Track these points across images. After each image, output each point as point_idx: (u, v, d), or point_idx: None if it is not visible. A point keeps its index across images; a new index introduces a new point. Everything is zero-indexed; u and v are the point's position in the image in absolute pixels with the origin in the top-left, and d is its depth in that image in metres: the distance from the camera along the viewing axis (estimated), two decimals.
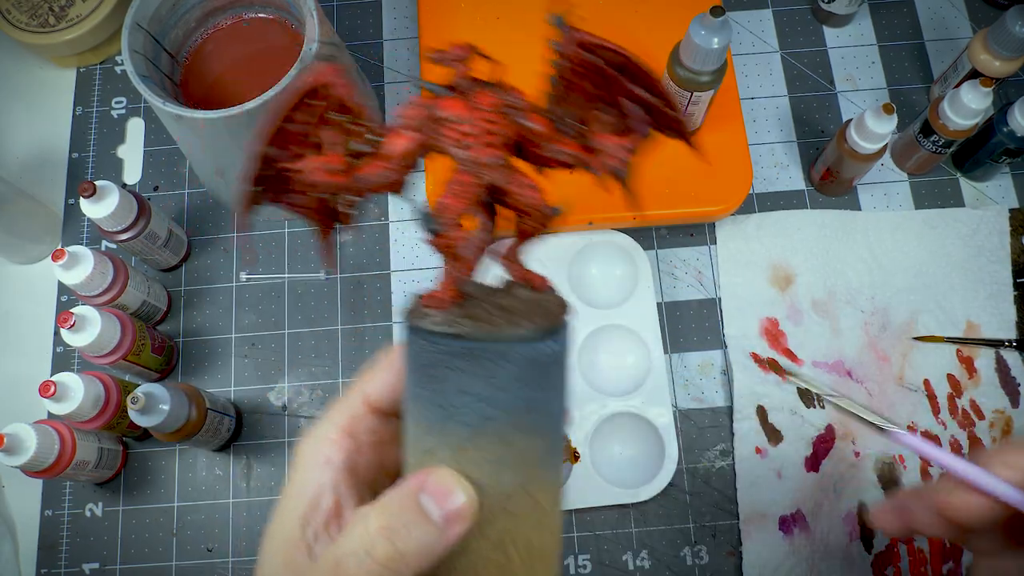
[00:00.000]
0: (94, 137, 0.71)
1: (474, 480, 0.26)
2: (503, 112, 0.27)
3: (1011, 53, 0.60)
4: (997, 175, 0.67)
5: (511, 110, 0.28)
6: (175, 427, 0.53)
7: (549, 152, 0.28)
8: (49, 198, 0.70)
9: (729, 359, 0.63)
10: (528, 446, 0.26)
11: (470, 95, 0.27)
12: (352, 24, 0.74)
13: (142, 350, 0.59)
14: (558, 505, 0.28)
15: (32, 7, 0.70)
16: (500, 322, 0.26)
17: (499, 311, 0.26)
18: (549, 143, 0.28)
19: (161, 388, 0.52)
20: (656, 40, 0.67)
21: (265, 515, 0.61)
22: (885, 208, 0.67)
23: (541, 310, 0.27)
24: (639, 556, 0.59)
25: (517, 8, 0.68)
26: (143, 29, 0.57)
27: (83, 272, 0.56)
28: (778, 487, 0.59)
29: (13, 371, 0.65)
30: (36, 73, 0.74)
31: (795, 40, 0.73)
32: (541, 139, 0.28)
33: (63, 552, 0.60)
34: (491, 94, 0.27)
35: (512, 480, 0.26)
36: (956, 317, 0.63)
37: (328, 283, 0.66)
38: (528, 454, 0.26)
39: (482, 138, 0.27)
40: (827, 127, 0.70)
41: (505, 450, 0.26)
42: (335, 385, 0.64)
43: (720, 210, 0.63)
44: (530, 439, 0.26)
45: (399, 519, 0.25)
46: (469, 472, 0.26)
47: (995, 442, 0.60)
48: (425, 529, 0.25)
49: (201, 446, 0.58)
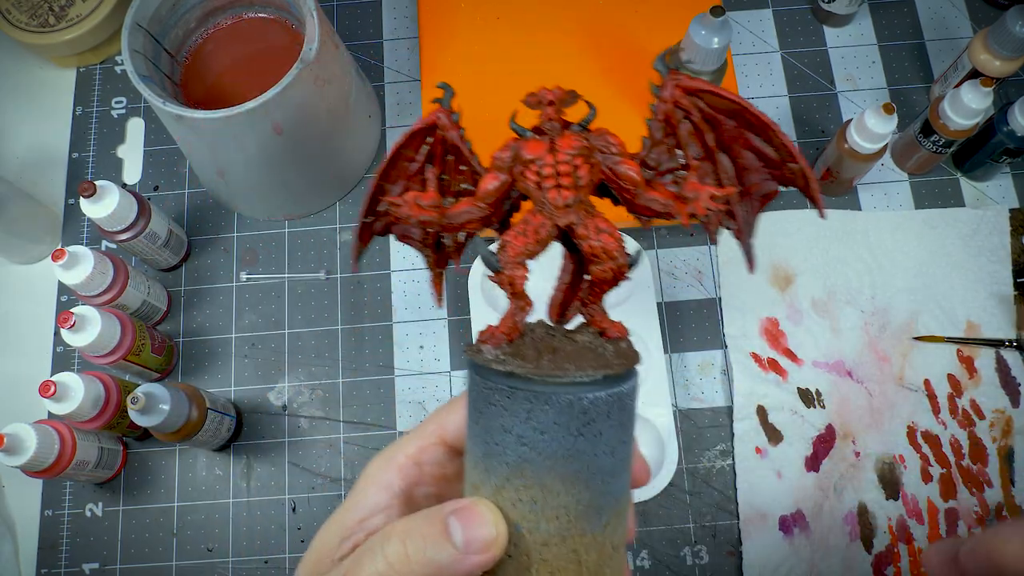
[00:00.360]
0: (94, 137, 0.71)
1: (510, 520, 0.25)
2: (584, 155, 0.27)
3: (1011, 53, 0.60)
4: (997, 175, 0.67)
5: (598, 154, 0.28)
6: (175, 427, 0.53)
7: (642, 200, 0.28)
8: (49, 198, 0.70)
9: (729, 359, 0.63)
10: (568, 496, 0.25)
11: (553, 137, 0.27)
12: (352, 24, 0.74)
13: (142, 350, 0.59)
14: (608, 568, 0.26)
15: (32, 7, 0.70)
16: (546, 364, 0.25)
17: (549, 353, 0.26)
18: (641, 190, 0.28)
19: (161, 388, 0.52)
20: (656, 40, 0.67)
21: (265, 515, 0.61)
22: (885, 208, 0.67)
23: (595, 357, 0.26)
24: (639, 556, 0.59)
25: (517, 8, 0.68)
26: (143, 29, 0.57)
27: (83, 272, 0.56)
28: (778, 487, 0.59)
29: (13, 371, 0.65)
30: (36, 73, 0.74)
31: (795, 40, 0.73)
32: (632, 185, 0.28)
33: (63, 552, 0.60)
34: (574, 137, 0.27)
35: (550, 528, 0.25)
36: (956, 317, 0.63)
37: (328, 283, 0.66)
38: (568, 504, 0.25)
39: (559, 179, 0.27)
40: (827, 127, 0.70)
41: (543, 496, 0.25)
42: (335, 385, 0.64)
43: None
44: (571, 488, 0.25)
45: (420, 529, 0.25)
46: (507, 511, 0.25)
47: (995, 441, 0.60)
48: (441, 547, 0.25)
49: (201, 446, 0.58)
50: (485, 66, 0.66)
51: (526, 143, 0.28)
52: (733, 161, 0.29)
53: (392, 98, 0.72)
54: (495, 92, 0.66)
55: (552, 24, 0.68)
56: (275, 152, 0.58)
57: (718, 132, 0.29)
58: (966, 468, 0.60)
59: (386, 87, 0.72)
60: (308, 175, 0.64)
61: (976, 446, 0.60)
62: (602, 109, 0.28)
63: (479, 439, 0.26)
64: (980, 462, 0.60)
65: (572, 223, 0.27)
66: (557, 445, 0.25)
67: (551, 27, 0.68)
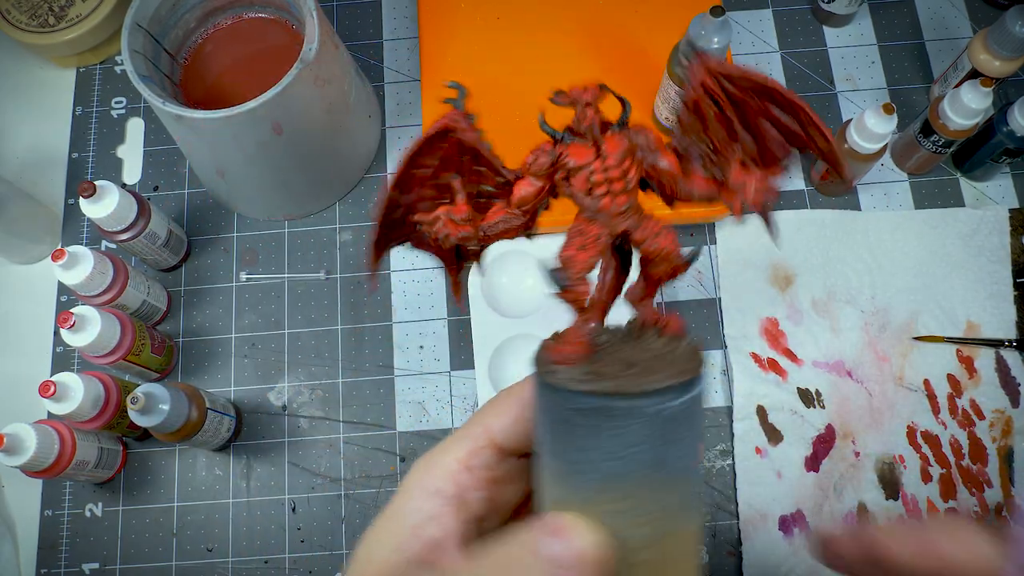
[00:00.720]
0: (94, 137, 0.71)
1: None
2: (630, 156, 0.26)
3: (1011, 53, 0.60)
4: (997, 175, 0.67)
5: (640, 151, 0.26)
6: (175, 427, 0.53)
7: (682, 193, 0.27)
8: (49, 198, 0.70)
9: (729, 359, 0.63)
10: (657, 501, 0.25)
11: (597, 139, 0.26)
12: (352, 24, 0.74)
13: (142, 350, 0.59)
14: (694, 556, 0.26)
15: (32, 7, 0.70)
16: (627, 379, 0.25)
17: (626, 367, 0.25)
18: (681, 182, 0.27)
19: (161, 388, 0.52)
20: (656, 40, 0.67)
21: (265, 515, 0.61)
22: (885, 208, 0.67)
23: (671, 363, 0.26)
24: None
25: (517, 8, 0.68)
26: (143, 29, 0.57)
27: (83, 272, 0.56)
28: (778, 487, 0.59)
29: (13, 371, 0.65)
30: (36, 73, 0.74)
31: (795, 40, 0.73)
32: (673, 178, 0.27)
33: (63, 552, 0.60)
34: (619, 138, 0.26)
35: (643, 533, 0.25)
36: (956, 317, 0.63)
37: (328, 283, 0.66)
38: (656, 509, 0.25)
39: (611, 186, 0.26)
40: None
41: (634, 505, 0.25)
42: (335, 385, 0.64)
43: (720, 210, 0.63)
44: (659, 495, 0.25)
45: (516, 556, 0.24)
46: (598, 524, 0.25)
47: (995, 441, 0.60)
48: (542, 569, 0.24)
49: (201, 446, 0.58)
50: (485, 66, 0.66)
51: (569, 148, 0.26)
52: (756, 137, 0.28)
53: (392, 98, 0.72)
54: (495, 92, 0.66)
55: (552, 24, 0.68)
56: (275, 152, 0.58)
57: (743, 110, 0.28)
58: (966, 468, 0.60)
59: (386, 87, 0.72)
60: (308, 175, 0.64)
61: (976, 446, 0.60)
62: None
63: (560, 456, 0.26)
64: (980, 462, 0.60)
65: (629, 228, 0.26)
66: (645, 456, 0.25)
67: (551, 27, 0.68)
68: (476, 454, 0.29)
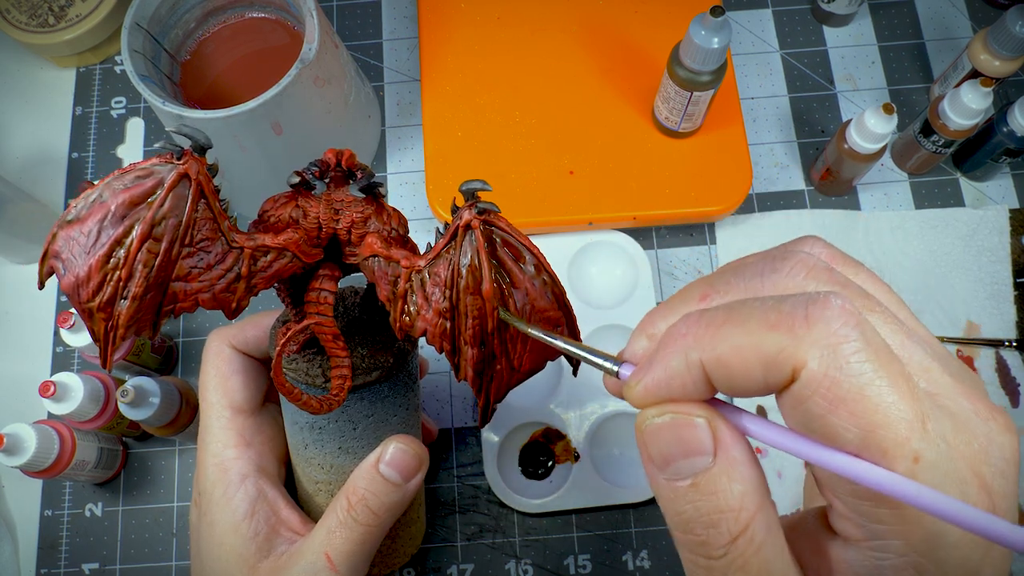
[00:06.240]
0: (94, 137, 0.71)
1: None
2: None
3: (1011, 53, 0.60)
4: (997, 175, 0.67)
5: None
6: (166, 420, 0.53)
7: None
8: (49, 198, 0.70)
9: None
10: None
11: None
12: (352, 24, 0.74)
13: (142, 350, 0.59)
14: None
15: (32, 7, 0.70)
16: None
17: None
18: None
19: (151, 381, 0.52)
20: (656, 40, 0.67)
21: None
22: (885, 208, 0.67)
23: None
24: (639, 556, 0.59)
25: (517, 8, 0.68)
26: (143, 29, 0.57)
27: None
28: (778, 487, 0.59)
29: (13, 371, 0.65)
30: (36, 73, 0.74)
31: (795, 40, 0.73)
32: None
33: (63, 552, 0.60)
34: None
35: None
36: (956, 317, 0.63)
37: None
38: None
39: None
40: (827, 127, 0.70)
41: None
42: None
43: (720, 210, 0.63)
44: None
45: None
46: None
47: None
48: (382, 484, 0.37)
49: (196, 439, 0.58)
50: (485, 66, 0.66)
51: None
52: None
53: (392, 98, 0.72)
54: (495, 92, 0.66)
55: (552, 24, 0.68)
56: (275, 152, 0.58)
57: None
58: None
59: (386, 87, 0.72)
60: None
61: None
62: (602, 109, 0.28)
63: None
64: None
65: None
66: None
67: (551, 27, 0.68)
68: (240, 429, 0.39)
